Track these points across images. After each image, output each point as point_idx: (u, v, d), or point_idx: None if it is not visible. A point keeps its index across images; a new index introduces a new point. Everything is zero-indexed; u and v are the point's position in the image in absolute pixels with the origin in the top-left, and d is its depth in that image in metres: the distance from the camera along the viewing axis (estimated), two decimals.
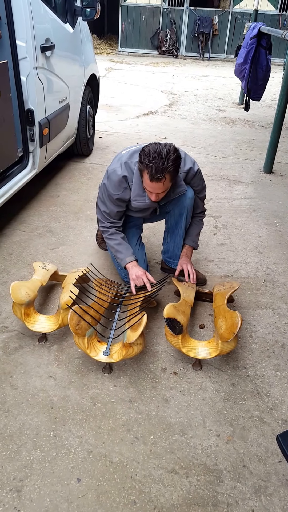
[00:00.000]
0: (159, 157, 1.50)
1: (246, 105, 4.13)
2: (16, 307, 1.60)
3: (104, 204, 1.79)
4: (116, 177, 1.69)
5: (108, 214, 1.79)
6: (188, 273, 1.89)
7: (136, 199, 1.71)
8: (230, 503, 1.15)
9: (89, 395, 1.44)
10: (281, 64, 9.08)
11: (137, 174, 1.67)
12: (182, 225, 1.92)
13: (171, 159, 1.51)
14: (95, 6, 2.87)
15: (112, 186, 1.71)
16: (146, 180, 1.57)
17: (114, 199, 1.73)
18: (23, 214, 2.63)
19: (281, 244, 2.47)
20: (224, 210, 2.84)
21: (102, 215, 1.82)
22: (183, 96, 6.38)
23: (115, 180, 1.70)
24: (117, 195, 1.71)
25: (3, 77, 2.06)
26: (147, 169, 1.53)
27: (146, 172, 1.54)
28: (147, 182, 1.57)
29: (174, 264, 2.01)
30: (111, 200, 1.75)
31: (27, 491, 1.15)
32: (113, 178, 1.70)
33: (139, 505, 1.14)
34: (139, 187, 1.68)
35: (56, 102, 2.69)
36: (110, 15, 11.79)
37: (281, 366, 1.60)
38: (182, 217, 1.89)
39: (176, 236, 1.96)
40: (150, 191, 1.61)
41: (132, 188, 1.70)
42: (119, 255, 1.79)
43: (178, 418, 1.38)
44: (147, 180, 1.56)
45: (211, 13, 10.38)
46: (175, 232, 1.95)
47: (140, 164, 1.56)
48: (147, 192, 1.65)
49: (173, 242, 1.98)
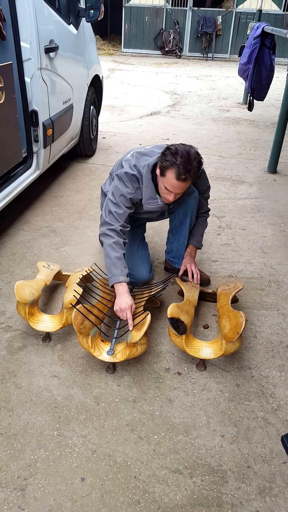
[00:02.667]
0: (188, 156, 1.49)
1: (250, 105, 4.12)
2: (20, 306, 1.61)
3: (117, 206, 1.67)
4: (129, 177, 1.65)
5: (121, 215, 1.67)
6: (192, 273, 1.89)
7: (149, 202, 1.69)
8: (235, 503, 1.15)
9: (93, 394, 1.44)
10: (285, 64, 9.04)
11: (148, 177, 1.65)
12: (186, 225, 1.91)
13: (197, 161, 1.52)
14: (98, 7, 2.88)
15: (125, 185, 1.67)
16: (170, 179, 1.53)
17: (128, 199, 1.67)
18: (27, 214, 2.64)
19: (286, 244, 2.45)
20: (228, 210, 2.84)
21: (114, 217, 1.66)
22: (187, 96, 6.38)
23: (128, 180, 1.66)
24: (131, 194, 1.67)
25: (7, 78, 2.07)
26: (174, 168, 1.49)
27: (172, 171, 1.50)
28: (171, 181, 1.53)
29: (178, 264, 2.01)
30: (125, 201, 1.68)
31: (31, 490, 1.15)
32: (125, 178, 1.66)
33: (143, 504, 1.13)
34: (151, 190, 1.66)
35: (60, 103, 2.70)
36: (113, 16, 11.81)
37: (285, 367, 1.60)
38: (187, 217, 1.89)
39: (180, 236, 1.95)
40: (171, 190, 1.57)
41: (143, 191, 1.67)
42: (113, 270, 1.60)
43: (182, 418, 1.37)
44: (171, 179, 1.52)
45: (214, 13, 10.37)
46: (179, 232, 1.95)
47: (165, 162, 1.51)
48: (165, 192, 1.60)
49: (177, 242, 1.98)
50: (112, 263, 1.60)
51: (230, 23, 10.40)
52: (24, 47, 2.21)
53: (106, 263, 1.63)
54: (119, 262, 1.60)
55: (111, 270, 1.60)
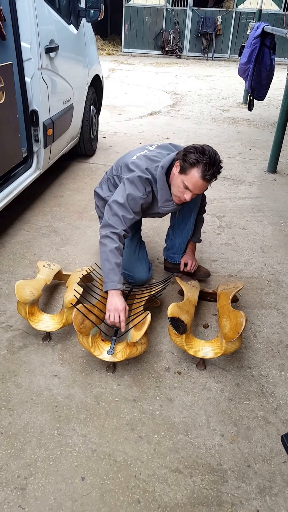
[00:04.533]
0: (215, 158, 1.50)
1: (250, 105, 4.12)
2: (20, 306, 1.61)
3: (127, 210, 1.62)
4: (142, 181, 1.63)
5: (128, 220, 1.63)
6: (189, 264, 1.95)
7: (165, 205, 1.69)
8: (235, 503, 1.15)
9: (93, 394, 1.44)
10: (285, 64, 9.04)
11: (163, 179, 1.64)
12: (191, 220, 1.92)
13: (220, 163, 1.54)
14: (98, 7, 2.88)
15: (138, 190, 1.63)
16: (193, 177, 1.52)
17: (140, 204, 1.64)
18: (27, 214, 2.65)
19: (286, 244, 2.46)
20: (228, 210, 2.84)
21: (120, 221, 1.61)
22: (187, 96, 6.38)
23: (141, 184, 1.63)
24: (143, 199, 1.64)
25: (8, 78, 2.07)
26: (201, 167, 1.49)
27: (199, 170, 1.50)
28: (195, 180, 1.53)
29: (178, 259, 2.01)
30: (135, 205, 1.63)
31: (32, 489, 1.15)
32: (138, 182, 1.62)
33: (143, 504, 1.14)
34: (166, 193, 1.66)
35: (60, 103, 2.70)
36: (113, 16, 11.81)
37: (285, 366, 1.60)
38: (192, 212, 1.90)
39: (183, 230, 1.95)
40: (192, 190, 1.56)
41: (159, 194, 1.66)
42: (112, 276, 1.56)
43: (182, 418, 1.37)
44: (196, 177, 1.52)
45: (214, 13, 10.37)
46: (182, 226, 1.95)
47: (191, 160, 1.50)
48: (182, 191, 1.58)
49: (180, 237, 1.97)
50: (112, 268, 1.56)
51: (230, 23, 10.40)
52: (24, 47, 2.21)
53: (104, 267, 1.58)
54: (118, 269, 1.57)
55: (110, 275, 1.56)
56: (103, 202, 1.91)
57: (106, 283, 1.57)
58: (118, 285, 1.55)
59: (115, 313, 1.51)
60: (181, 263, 1.98)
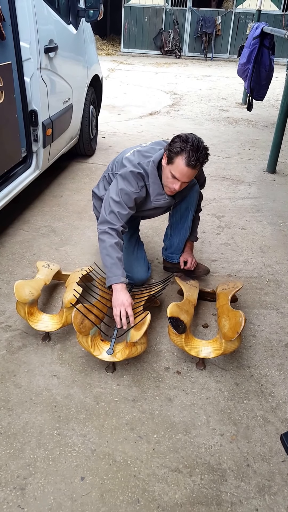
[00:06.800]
0: (198, 144, 1.52)
1: (249, 105, 4.12)
2: (19, 306, 1.61)
3: (121, 206, 1.65)
4: (134, 175, 1.65)
5: (123, 216, 1.65)
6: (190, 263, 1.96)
7: (157, 199, 1.71)
8: (234, 502, 1.15)
9: (93, 394, 1.44)
10: (284, 64, 9.05)
11: (154, 173, 1.66)
12: (189, 219, 1.93)
13: (206, 149, 1.56)
14: (98, 7, 2.88)
15: (130, 184, 1.66)
16: (179, 165, 1.54)
17: (133, 198, 1.67)
18: (27, 214, 2.64)
19: (285, 244, 2.46)
20: (228, 210, 2.84)
21: (116, 217, 1.64)
22: (186, 96, 6.38)
23: (133, 179, 1.65)
24: (136, 193, 1.67)
25: (7, 78, 2.07)
26: (185, 154, 1.51)
27: (183, 157, 1.52)
28: (180, 168, 1.54)
29: (177, 258, 2.02)
30: (129, 200, 1.66)
31: (31, 489, 1.15)
32: (131, 177, 1.65)
33: (143, 503, 1.14)
34: (158, 186, 1.68)
35: (59, 103, 2.70)
36: (113, 16, 11.81)
37: (285, 366, 1.60)
38: (189, 210, 1.91)
39: (181, 229, 1.96)
40: (179, 178, 1.58)
41: (151, 188, 1.69)
42: (115, 270, 1.57)
43: (182, 417, 1.38)
44: (181, 165, 1.53)
45: (214, 13, 10.38)
46: (180, 226, 1.96)
47: (175, 149, 1.53)
48: (171, 181, 1.61)
49: (178, 236, 1.98)
50: (114, 263, 1.58)
51: (230, 23, 10.40)
52: (23, 47, 2.21)
53: (106, 262, 1.60)
54: (120, 263, 1.59)
55: (112, 269, 1.57)
56: (100, 202, 1.92)
57: (110, 278, 1.58)
58: (121, 278, 1.57)
59: (122, 308, 1.52)
60: (180, 261, 1.98)
